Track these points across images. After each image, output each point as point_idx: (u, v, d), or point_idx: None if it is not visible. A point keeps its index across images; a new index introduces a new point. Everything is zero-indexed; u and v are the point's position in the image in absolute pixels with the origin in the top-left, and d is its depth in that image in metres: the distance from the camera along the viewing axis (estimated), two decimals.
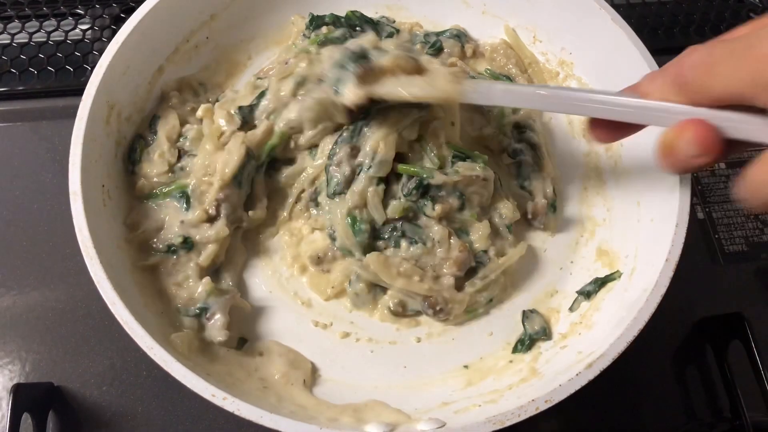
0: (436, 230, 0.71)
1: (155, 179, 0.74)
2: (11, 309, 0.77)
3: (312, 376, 0.69)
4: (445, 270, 0.71)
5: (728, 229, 0.86)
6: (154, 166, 0.75)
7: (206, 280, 0.70)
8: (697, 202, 0.87)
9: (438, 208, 0.71)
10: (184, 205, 0.72)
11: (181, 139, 0.77)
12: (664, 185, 0.69)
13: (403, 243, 0.72)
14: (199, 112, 0.77)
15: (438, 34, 0.88)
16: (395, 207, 0.71)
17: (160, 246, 0.71)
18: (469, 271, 0.72)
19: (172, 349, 0.60)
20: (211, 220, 0.72)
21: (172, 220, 0.72)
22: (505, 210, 0.75)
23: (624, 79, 0.76)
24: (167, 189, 0.74)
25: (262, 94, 0.76)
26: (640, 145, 0.75)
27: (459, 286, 0.72)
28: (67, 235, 0.65)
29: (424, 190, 0.71)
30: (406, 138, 0.72)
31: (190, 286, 0.70)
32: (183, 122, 0.79)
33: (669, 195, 0.68)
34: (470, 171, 0.72)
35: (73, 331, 0.76)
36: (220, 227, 0.71)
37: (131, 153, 0.76)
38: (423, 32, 0.89)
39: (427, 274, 0.71)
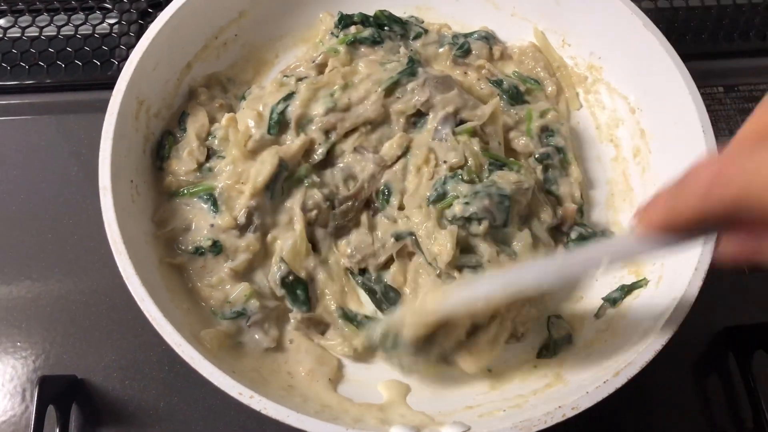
0: (483, 248, 0.71)
1: (183, 177, 0.75)
2: (36, 301, 0.77)
3: (337, 374, 0.69)
4: None
5: None
6: (182, 163, 0.75)
7: (245, 285, 0.70)
8: None
9: (484, 224, 0.70)
10: (212, 208, 0.72)
11: (209, 138, 0.77)
12: None
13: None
14: (223, 122, 0.76)
15: (466, 35, 0.88)
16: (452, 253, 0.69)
17: (189, 247, 0.71)
18: None
19: (199, 346, 0.60)
20: (241, 228, 0.71)
21: (201, 221, 0.72)
22: (545, 215, 0.75)
23: (653, 85, 0.76)
24: (194, 189, 0.74)
25: (289, 96, 0.76)
26: (670, 151, 0.76)
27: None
28: (91, 228, 0.66)
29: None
30: None
31: (226, 289, 0.70)
32: (211, 119, 0.79)
33: None
34: (508, 179, 0.72)
35: (97, 324, 0.76)
36: (251, 240, 0.71)
37: (160, 149, 0.76)
38: (451, 33, 0.89)
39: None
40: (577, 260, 0.57)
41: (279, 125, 0.75)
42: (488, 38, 0.88)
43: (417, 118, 0.77)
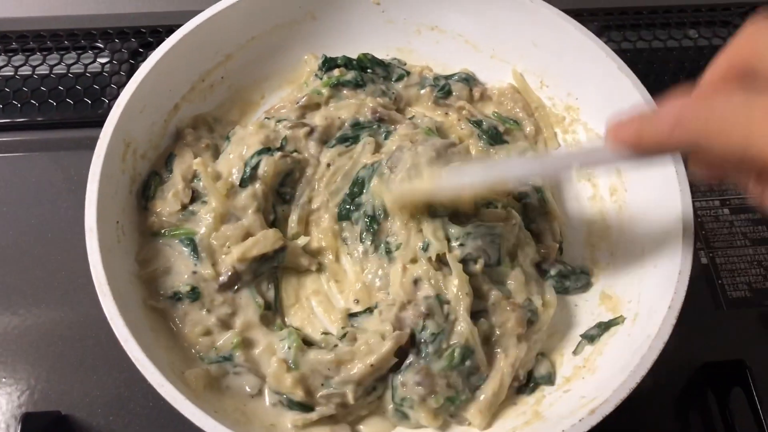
0: (486, 289, 0.72)
1: (165, 218, 0.75)
2: (22, 336, 0.78)
3: None
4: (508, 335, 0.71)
5: (732, 275, 0.86)
6: (166, 204, 0.76)
7: (232, 333, 0.70)
8: (700, 247, 0.88)
9: (480, 263, 0.72)
10: (192, 254, 0.73)
11: (195, 180, 0.78)
12: (669, 232, 0.70)
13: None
14: (194, 166, 0.77)
15: (447, 77, 0.90)
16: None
17: (168, 291, 0.72)
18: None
19: (182, 386, 0.61)
20: (222, 285, 0.72)
21: (181, 266, 0.73)
22: (530, 250, 0.76)
23: None
24: (176, 231, 0.74)
25: (264, 150, 0.78)
26: (644, 189, 0.77)
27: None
28: (79, 264, 0.66)
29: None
30: None
31: (213, 336, 0.71)
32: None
33: (673, 242, 0.69)
34: (496, 216, 0.74)
35: (82, 360, 0.77)
36: (230, 298, 0.72)
37: (145, 189, 0.77)
38: (432, 75, 0.91)
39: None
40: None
41: (251, 179, 0.76)
42: (468, 80, 0.90)
43: None
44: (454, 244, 0.71)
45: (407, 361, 0.68)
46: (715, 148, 0.45)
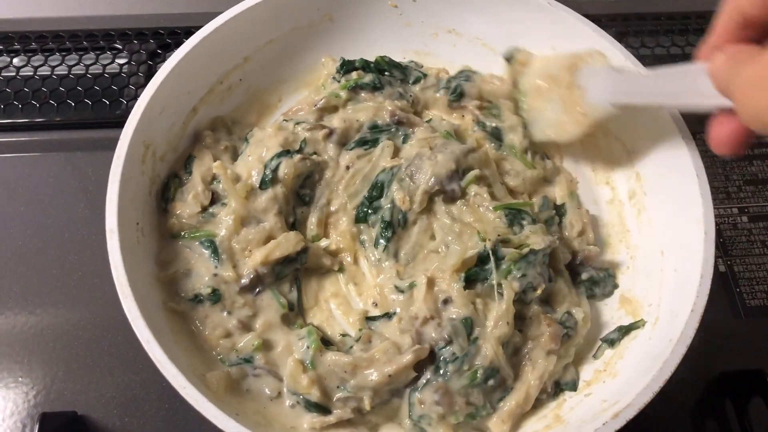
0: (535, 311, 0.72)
1: (186, 220, 0.75)
2: (39, 336, 0.78)
3: None
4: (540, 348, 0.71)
5: (750, 283, 0.86)
6: (186, 206, 0.76)
7: (253, 335, 0.70)
8: (718, 255, 0.87)
9: (540, 288, 0.71)
10: (213, 256, 0.73)
11: (214, 182, 0.77)
12: (689, 235, 0.70)
13: None
14: (214, 168, 0.77)
15: (454, 77, 0.90)
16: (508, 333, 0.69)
17: (189, 294, 0.71)
18: None
19: (203, 388, 0.61)
20: (243, 288, 0.72)
21: (202, 268, 0.73)
22: (565, 255, 0.76)
23: (648, 128, 0.78)
24: (196, 233, 0.74)
25: (284, 153, 0.78)
26: (664, 193, 0.77)
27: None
28: (95, 265, 0.66)
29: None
30: None
31: (233, 338, 0.70)
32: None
33: (693, 246, 0.69)
34: (539, 238, 0.73)
35: (99, 361, 0.77)
36: (251, 300, 0.72)
37: (165, 191, 0.77)
38: (448, 77, 0.91)
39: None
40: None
41: (272, 182, 0.76)
42: (468, 77, 0.89)
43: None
44: (515, 273, 0.71)
45: (425, 378, 0.68)
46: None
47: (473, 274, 0.71)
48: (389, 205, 0.77)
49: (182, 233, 0.75)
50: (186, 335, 0.70)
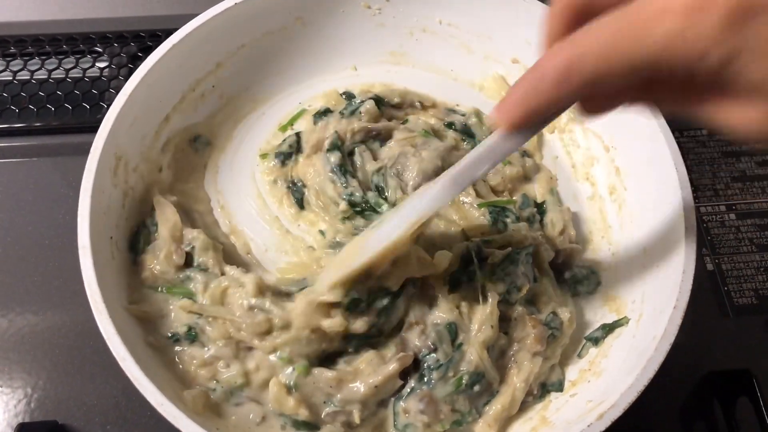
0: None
1: (159, 276, 0.72)
2: (19, 344, 0.77)
3: None
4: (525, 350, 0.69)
5: (738, 281, 0.85)
6: (159, 263, 0.72)
7: (239, 376, 0.67)
8: (706, 253, 0.87)
9: (524, 288, 0.70)
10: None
11: (185, 245, 0.73)
12: (671, 230, 0.70)
13: None
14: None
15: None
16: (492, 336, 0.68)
17: (166, 333, 0.69)
18: None
19: (181, 405, 0.60)
20: None
21: (182, 316, 0.70)
22: (547, 254, 0.75)
23: (626, 123, 0.77)
24: (172, 289, 0.71)
25: None
26: (644, 187, 0.77)
27: None
28: (76, 273, 0.65)
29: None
30: None
31: (214, 369, 0.68)
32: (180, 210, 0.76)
33: (675, 241, 0.68)
34: (522, 237, 0.73)
35: (80, 369, 0.75)
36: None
37: (134, 243, 0.74)
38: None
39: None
40: (462, 175, 0.57)
41: None
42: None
43: None
44: (500, 273, 0.70)
45: (409, 386, 0.67)
46: (622, 63, 0.41)
47: (457, 275, 0.70)
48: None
49: (158, 287, 0.72)
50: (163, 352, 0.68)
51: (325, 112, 0.86)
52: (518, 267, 0.70)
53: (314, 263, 0.76)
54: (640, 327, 0.68)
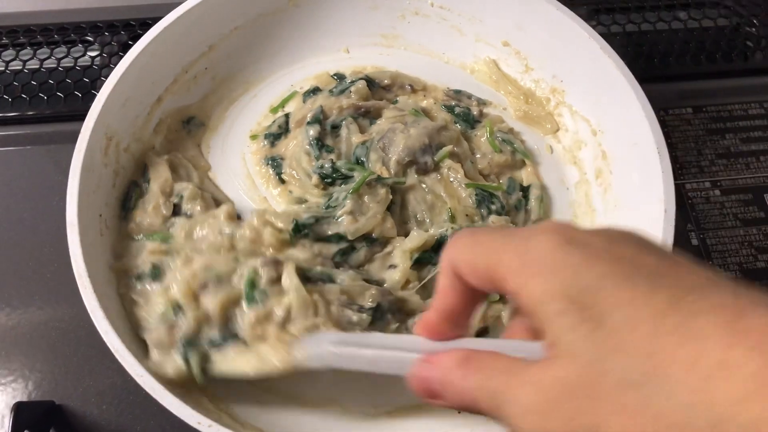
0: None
1: (146, 227, 0.75)
2: (16, 328, 0.79)
3: None
4: None
5: (722, 255, 0.86)
6: (147, 215, 0.75)
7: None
8: (691, 228, 0.87)
9: None
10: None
11: (174, 196, 0.76)
12: (651, 214, 0.70)
13: None
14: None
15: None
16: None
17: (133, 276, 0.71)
18: None
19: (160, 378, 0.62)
20: None
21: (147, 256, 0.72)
22: None
23: (612, 107, 0.78)
24: (151, 235, 0.74)
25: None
26: (629, 171, 0.77)
27: None
28: (70, 258, 0.67)
29: None
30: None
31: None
32: (173, 169, 0.79)
33: (655, 224, 0.69)
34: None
35: (75, 351, 0.77)
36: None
37: (126, 200, 0.77)
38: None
39: None
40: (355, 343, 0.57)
41: None
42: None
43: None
44: None
45: None
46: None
47: (424, 256, 0.71)
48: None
49: (139, 236, 0.75)
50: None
51: (314, 91, 0.88)
52: None
53: None
54: None
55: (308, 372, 0.62)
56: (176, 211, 0.76)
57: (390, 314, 0.68)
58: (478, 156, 0.83)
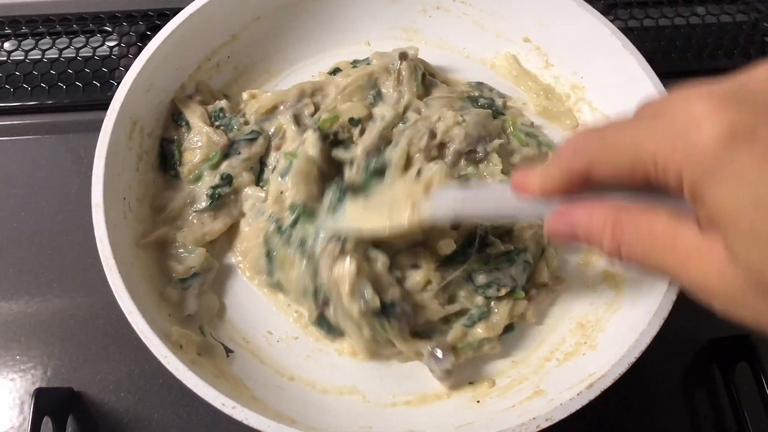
0: None
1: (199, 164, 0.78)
2: (35, 316, 0.79)
3: None
4: None
5: None
6: (201, 149, 0.78)
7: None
8: None
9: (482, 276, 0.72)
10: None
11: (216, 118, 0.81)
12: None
13: None
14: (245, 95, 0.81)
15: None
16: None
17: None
18: None
19: (184, 356, 0.63)
20: None
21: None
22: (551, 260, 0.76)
23: (632, 104, 0.78)
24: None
25: None
26: None
27: None
28: (88, 246, 0.68)
29: None
30: None
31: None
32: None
33: None
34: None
35: (93, 339, 0.78)
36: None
37: (168, 159, 0.80)
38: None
39: None
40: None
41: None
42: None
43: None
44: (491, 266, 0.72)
45: None
46: (611, 159, 0.45)
47: (452, 255, 0.71)
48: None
49: (197, 177, 0.78)
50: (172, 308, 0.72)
51: (334, 71, 0.88)
52: (511, 268, 0.72)
53: None
54: (637, 303, 0.70)
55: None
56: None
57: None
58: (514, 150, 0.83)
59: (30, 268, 0.82)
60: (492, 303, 0.72)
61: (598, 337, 0.71)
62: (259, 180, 0.80)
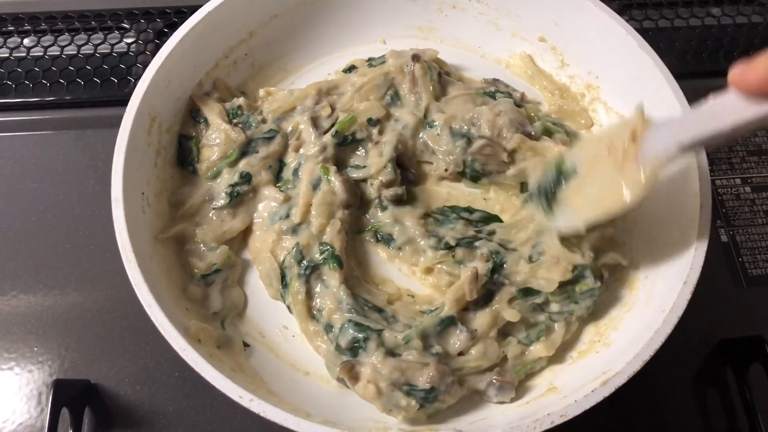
0: None
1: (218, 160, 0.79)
2: (53, 308, 0.80)
3: None
4: None
5: (752, 252, 0.86)
6: (218, 146, 0.79)
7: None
8: (721, 225, 0.87)
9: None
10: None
11: (235, 117, 0.82)
12: (685, 208, 0.71)
13: None
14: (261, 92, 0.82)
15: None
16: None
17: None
18: None
19: (202, 349, 0.63)
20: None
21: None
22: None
23: (648, 103, 0.78)
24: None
25: None
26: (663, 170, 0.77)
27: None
28: (105, 240, 0.69)
29: None
30: None
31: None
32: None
33: (690, 218, 0.69)
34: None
35: (110, 332, 0.79)
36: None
37: (186, 156, 0.81)
38: None
39: None
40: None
41: None
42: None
43: None
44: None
45: None
46: None
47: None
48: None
49: (216, 174, 0.79)
50: (189, 302, 0.72)
51: (350, 69, 0.88)
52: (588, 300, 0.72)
53: None
54: (651, 301, 0.70)
55: None
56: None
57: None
58: None
59: (47, 262, 0.83)
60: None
61: (612, 335, 0.71)
62: (277, 179, 0.80)
